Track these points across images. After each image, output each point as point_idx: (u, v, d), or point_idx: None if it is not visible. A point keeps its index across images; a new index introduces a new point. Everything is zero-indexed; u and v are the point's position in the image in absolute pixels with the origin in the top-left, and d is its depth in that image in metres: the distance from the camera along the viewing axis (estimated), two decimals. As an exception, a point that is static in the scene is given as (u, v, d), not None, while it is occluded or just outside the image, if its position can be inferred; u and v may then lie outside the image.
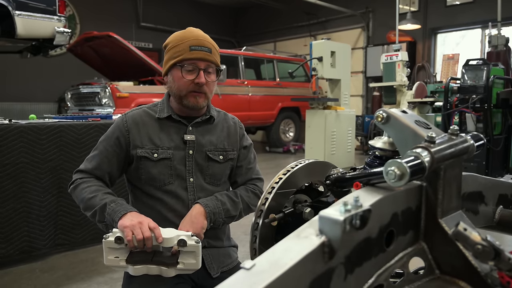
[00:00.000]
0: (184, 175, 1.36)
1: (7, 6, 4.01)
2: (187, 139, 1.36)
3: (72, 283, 2.31)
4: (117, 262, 1.17)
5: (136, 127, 1.37)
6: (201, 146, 1.38)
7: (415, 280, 0.65)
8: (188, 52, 1.31)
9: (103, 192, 1.30)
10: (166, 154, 1.34)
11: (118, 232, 1.16)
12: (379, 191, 0.63)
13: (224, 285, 0.42)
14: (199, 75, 1.31)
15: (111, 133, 1.39)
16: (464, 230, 0.59)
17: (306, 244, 0.49)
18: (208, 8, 11.43)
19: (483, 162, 4.18)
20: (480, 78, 4.23)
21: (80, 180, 1.35)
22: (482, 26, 7.40)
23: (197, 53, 1.31)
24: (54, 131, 2.60)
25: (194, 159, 1.37)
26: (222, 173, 1.42)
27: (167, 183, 1.34)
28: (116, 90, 5.78)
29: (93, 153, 1.40)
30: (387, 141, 0.80)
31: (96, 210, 1.26)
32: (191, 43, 1.32)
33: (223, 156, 1.41)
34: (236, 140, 1.47)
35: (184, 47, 1.31)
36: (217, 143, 1.42)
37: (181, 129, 1.38)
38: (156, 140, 1.36)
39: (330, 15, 9.59)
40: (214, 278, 1.34)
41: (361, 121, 7.73)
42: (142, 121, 1.38)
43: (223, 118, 1.49)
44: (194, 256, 1.18)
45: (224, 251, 1.42)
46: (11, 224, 2.44)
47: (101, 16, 9.27)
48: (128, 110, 1.45)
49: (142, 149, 1.34)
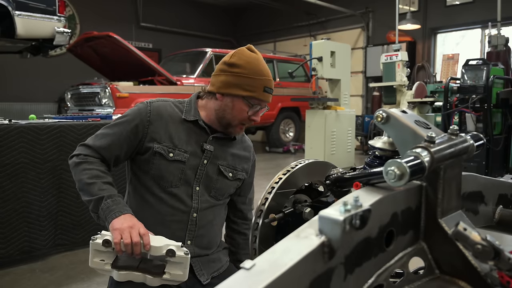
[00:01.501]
0: (192, 183, 1.33)
1: (7, 6, 4.01)
2: (206, 148, 1.35)
3: (72, 283, 2.31)
4: (102, 265, 1.14)
5: (159, 120, 1.32)
6: (216, 159, 1.37)
7: (415, 280, 0.65)
8: (262, 93, 1.32)
9: (102, 181, 1.24)
10: (182, 157, 1.32)
11: (107, 235, 1.12)
12: (379, 191, 0.63)
13: (224, 285, 0.42)
14: (257, 114, 1.36)
15: (131, 118, 1.32)
16: (464, 230, 0.59)
17: (306, 244, 0.49)
18: (208, 8, 11.43)
19: (483, 162, 4.18)
20: (480, 78, 4.23)
21: (84, 157, 1.28)
22: (482, 26, 7.40)
23: (268, 97, 1.34)
24: (54, 131, 2.60)
25: (206, 170, 1.35)
26: (228, 190, 1.41)
27: (173, 186, 1.31)
28: (116, 90, 5.77)
29: (105, 131, 1.32)
30: (387, 141, 0.80)
31: (92, 199, 1.22)
32: (266, 84, 1.32)
33: (232, 174, 1.41)
34: (248, 164, 1.48)
35: (259, 85, 1.31)
36: (231, 160, 1.41)
37: (202, 136, 1.36)
38: (175, 140, 1.32)
39: (330, 15, 9.59)
40: (205, 285, 1.32)
41: (361, 121, 7.73)
42: (167, 115, 1.34)
43: (241, 137, 1.49)
44: (181, 267, 1.14)
45: (213, 256, 1.40)
46: (11, 224, 2.43)
47: (101, 16, 9.27)
48: (151, 99, 1.39)
49: (159, 145, 1.30)
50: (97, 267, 1.15)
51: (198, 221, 1.33)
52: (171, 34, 10.51)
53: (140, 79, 6.28)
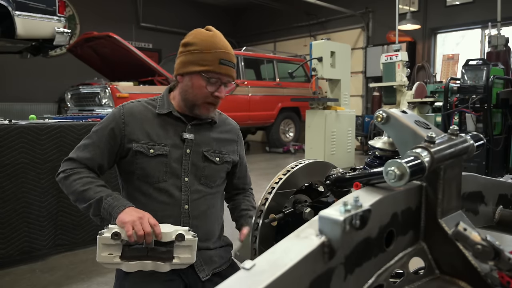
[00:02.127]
0: (180, 174, 1.34)
1: (7, 6, 4.01)
2: (185, 137, 1.34)
3: (72, 283, 2.31)
4: (111, 258, 1.16)
5: (133, 120, 1.34)
6: (199, 146, 1.37)
7: (415, 280, 0.65)
8: (217, 66, 1.28)
9: (96, 184, 1.27)
10: (163, 150, 1.32)
11: (115, 227, 1.14)
12: (379, 191, 0.63)
13: (224, 285, 0.42)
14: (220, 89, 1.32)
15: (106, 123, 1.34)
16: (464, 230, 0.59)
17: (306, 244, 0.49)
18: (208, 8, 11.43)
19: (483, 162, 4.18)
20: (480, 78, 4.23)
21: (71, 170, 1.31)
22: (482, 26, 7.40)
23: (226, 69, 1.30)
24: (54, 131, 2.60)
25: (191, 159, 1.35)
26: (217, 175, 1.40)
27: (161, 180, 1.32)
28: (116, 91, 5.78)
29: (85, 141, 1.35)
30: (387, 141, 0.80)
31: (91, 203, 1.24)
32: (221, 56, 1.29)
33: (219, 158, 1.40)
34: (234, 145, 1.47)
35: (214, 58, 1.28)
36: (215, 145, 1.40)
37: (180, 127, 1.36)
38: (153, 136, 1.33)
39: (330, 15, 9.59)
40: (204, 281, 1.32)
41: (361, 121, 7.73)
42: (140, 114, 1.35)
43: (223, 121, 1.48)
44: (189, 250, 1.18)
45: (215, 252, 1.39)
46: (11, 224, 2.43)
47: (101, 16, 9.27)
48: (125, 102, 1.40)
49: (138, 144, 1.31)
50: (106, 261, 1.16)
51: (190, 212, 1.33)
52: (171, 34, 10.50)
53: (140, 79, 6.28)
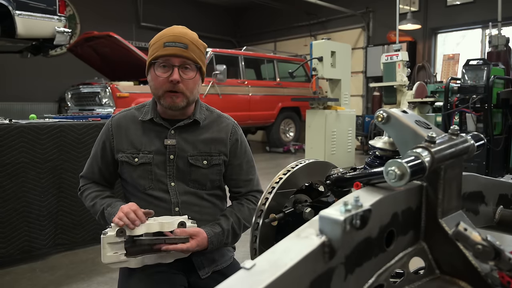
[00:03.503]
0: (165, 180, 1.33)
1: (7, 6, 4.01)
2: (167, 143, 1.32)
3: (72, 283, 2.31)
4: (117, 257, 1.17)
5: (119, 132, 1.36)
6: (183, 151, 1.33)
7: (415, 280, 0.65)
8: (162, 49, 1.25)
9: (101, 197, 1.37)
10: (146, 158, 1.32)
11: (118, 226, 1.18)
12: (379, 191, 0.63)
13: (224, 285, 0.42)
14: (173, 72, 1.25)
15: (100, 137, 1.42)
16: (464, 230, 0.59)
17: (306, 244, 0.49)
18: (208, 8, 11.43)
19: (483, 162, 4.18)
20: (481, 78, 4.23)
21: (83, 187, 1.44)
22: (483, 26, 7.39)
23: (170, 49, 1.24)
24: (54, 131, 2.60)
25: (176, 164, 1.33)
26: (207, 179, 1.36)
27: (147, 188, 1.33)
28: (116, 90, 5.78)
29: (90, 157, 1.45)
30: (387, 141, 0.80)
31: (99, 217, 1.34)
32: (166, 39, 1.26)
33: (207, 161, 1.35)
34: (226, 145, 1.38)
35: (159, 44, 1.26)
36: (201, 148, 1.35)
37: (162, 132, 1.34)
38: (137, 144, 1.34)
39: (330, 15, 9.59)
40: (203, 279, 1.32)
41: (361, 121, 7.73)
42: (126, 124, 1.37)
43: (215, 119, 1.41)
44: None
45: (217, 250, 1.38)
46: (12, 223, 2.44)
47: (101, 16, 9.27)
48: (118, 112, 1.45)
49: (123, 154, 1.34)
50: (112, 261, 1.18)
51: (182, 214, 1.32)
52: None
53: (140, 79, 6.28)
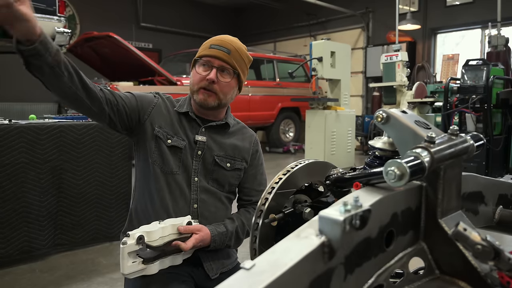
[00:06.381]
0: (190, 172, 1.37)
1: (7, 6, 4.00)
2: (198, 139, 1.37)
3: (72, 283, 2.31)
4: (136, 266, 1.17)
5: (163, 106, 1.40)
6: (210, 150, 1.39)
7: (415, 280, 0.65)
8: (207, 50, 1.35)
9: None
10: (179, 143, 1.36)
11: (136, 233, 1.15)
12: (379, 191, 0.63)
13: (224, 285, 0.42)
14: (211, 72, 1.33)
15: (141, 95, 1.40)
16: (464, 230, 0.59)
17: (306, 244, 0.49)
18: (208, 8, 11.43)
19: (483, 162, 4.18)
20: (480, 78, 4.24)
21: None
22: (482, 26, 7.40)
23: (214, 51, 1.34)
24: (54, 131, 2.60)
25: (202, 160, 1.38)
26: (227, 181, 1.42)
27: (174, 172, 1.35)
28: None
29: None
30: (387, 141, 0.80)
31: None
32: (213, 42, 1.36)
33: (230, 164, 1.41)
34: (247, 154, 1.46)
35: (207, 45, 1.37)
36: (227, 150, 1.42)
37: (194, 128, 1.40)
38: (175, 128, 1.38)
39: (330, 15, 9.59)
40: (213, 280, 1.34)
41: (361, 121, 7.73)
42: (167, 106, 1.42)
43: (240, 129, 1.50)
44: None
45: (222, 251, 1.41)
46: (11, 224, 2.43)
47: (101, 16, 9.26)
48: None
49: (160, 129, 1.36)
50: (132, 270, 1.17)
51: (199, 212, 1.35)
52: (171, 34, 10.50)
53: (140, 79, 6.28)
